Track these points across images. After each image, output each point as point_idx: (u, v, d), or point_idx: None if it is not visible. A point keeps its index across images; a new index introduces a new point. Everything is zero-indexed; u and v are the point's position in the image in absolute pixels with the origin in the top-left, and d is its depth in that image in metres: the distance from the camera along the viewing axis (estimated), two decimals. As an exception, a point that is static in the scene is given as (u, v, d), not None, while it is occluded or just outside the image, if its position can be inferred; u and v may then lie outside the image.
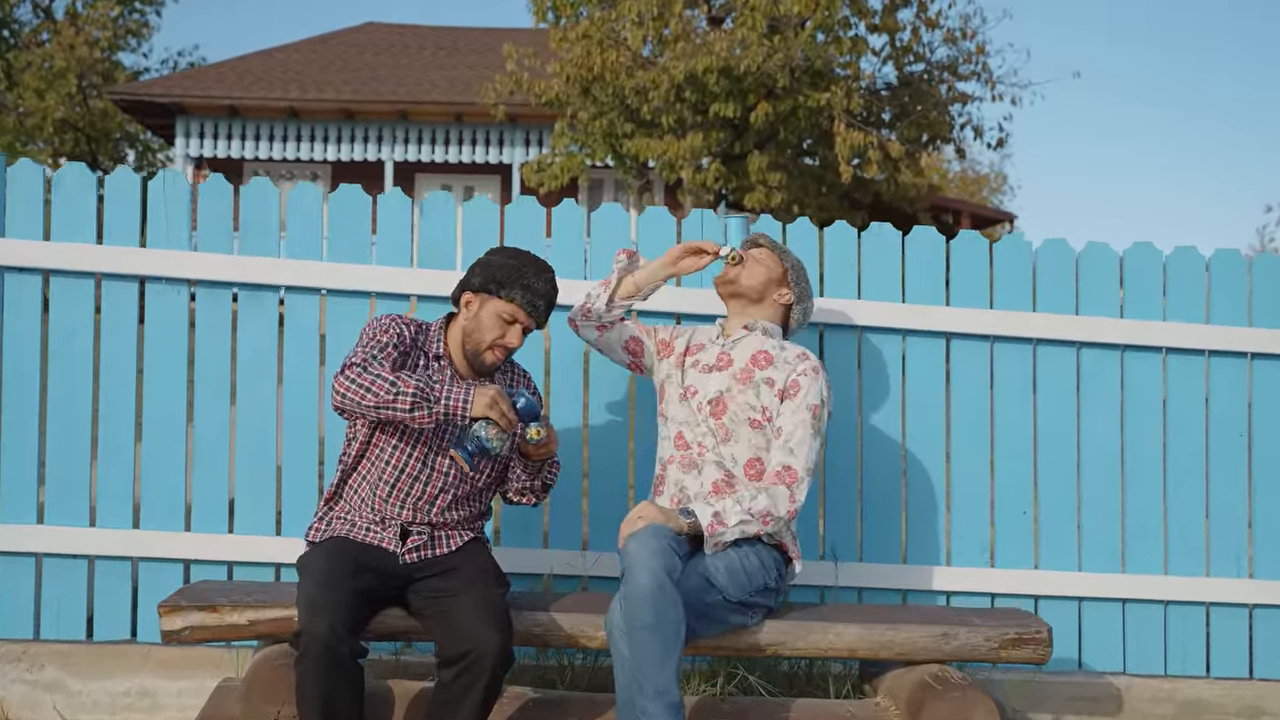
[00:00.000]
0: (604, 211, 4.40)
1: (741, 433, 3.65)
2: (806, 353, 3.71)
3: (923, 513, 4.44)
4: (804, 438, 3.61)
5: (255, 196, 4.27)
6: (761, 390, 3.65)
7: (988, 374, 4.50)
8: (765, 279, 3.78)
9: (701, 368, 3.76)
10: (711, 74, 13.46)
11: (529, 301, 3.47)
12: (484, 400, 3.26)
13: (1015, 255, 4.53)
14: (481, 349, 3.49)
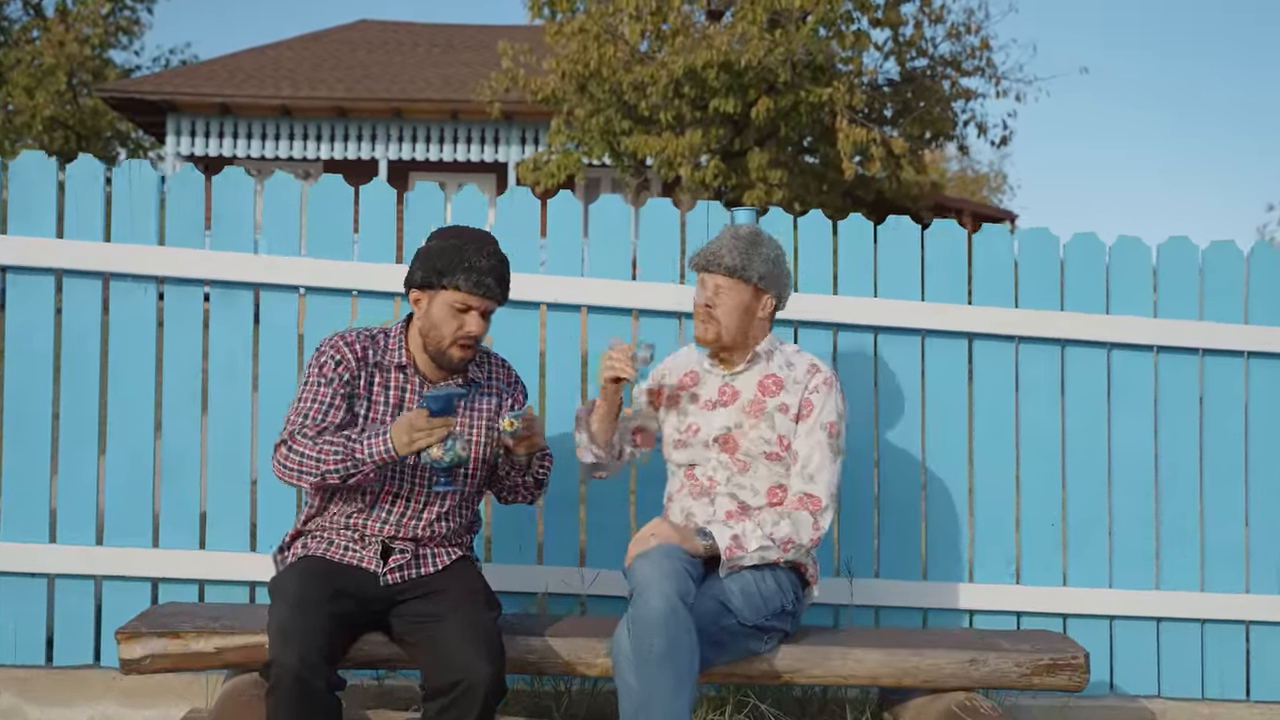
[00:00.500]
0: (602, 204, 4.11)
1: (759, 466, 3.37)
2: (816, 363, 3.43)
3: (944, 525, 4.15)
4: (823, 461, 3.33)
5: (229, 188, 3.97)
6: (776, 420, 3.37)
7: (1012, 377, 4.22)
8: (740, 313, 3.39)
9: (703, 403, 3.44)
10: (711, 69, 13.18)
11: (476, 283, 3.14)
12: (402, 438, 3.00)
13: (1042, 251, 4.24)
14: (444, 346, 3.19)
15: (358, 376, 3.19)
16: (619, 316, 4.08)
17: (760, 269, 3.36)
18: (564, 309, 4.04)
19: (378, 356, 3.24)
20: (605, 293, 4.04)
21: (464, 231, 3.22)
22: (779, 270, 3.42)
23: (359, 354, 3.21)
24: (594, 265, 4.08)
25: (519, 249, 4.03)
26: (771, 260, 3.39)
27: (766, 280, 3.37)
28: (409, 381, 3.24)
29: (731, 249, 3.35)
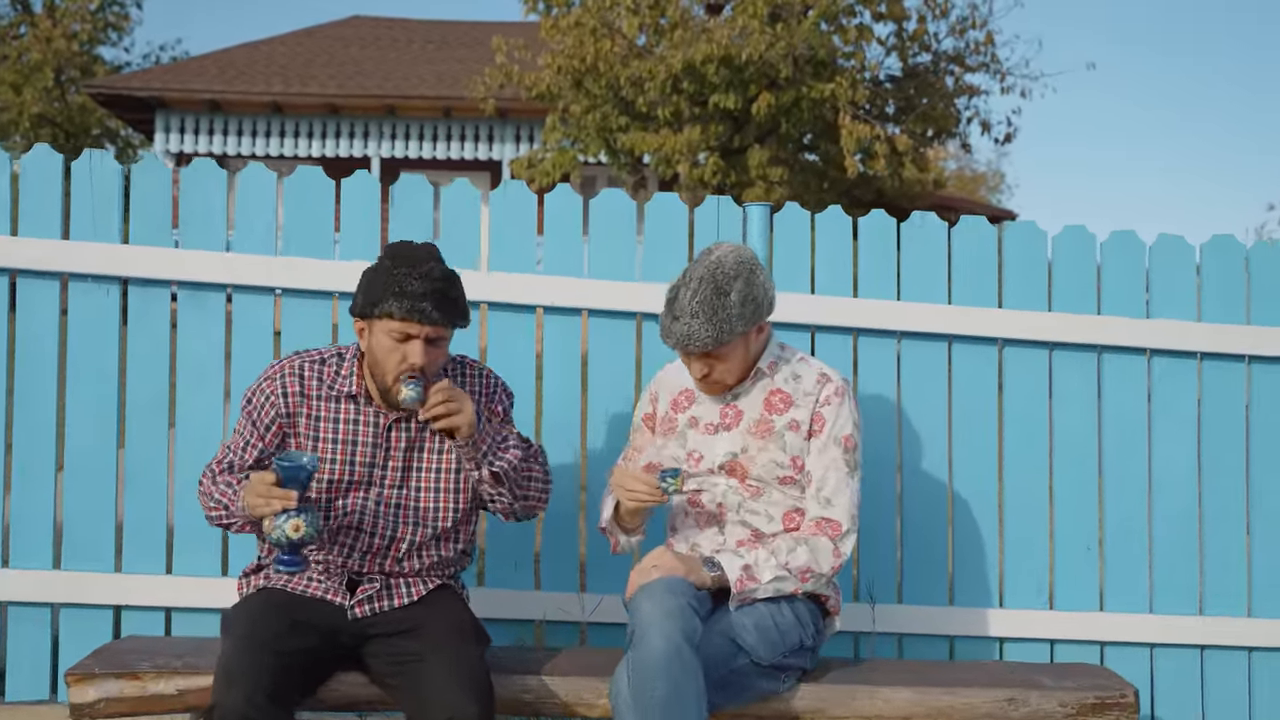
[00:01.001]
0: (604, 199, 3.81)
1: (772, 491, 3.07)
2: (825, 372, 3.12)
3: (971, 546, 3.85)
4: (839, 482, 3.03)
5: (198, 182, 3.66)
6: (787, 439, 3.05)
7: (1045, 385, 3.91)
8: (742, 361, 3.05)
9: (704, 427, 3.12)
10: (711, 64, 12.87)
11: (410, 308, 2.77)
12: (255, 500, 2.67)
13: (1078, 250, 3.94)
14: (389, 383, 2.85)
15: (295, 414, 2.91)
16: (622, 321, 3.78)
17: (743, 317, 2.94)
18: (562, 312, 3.74)
19: (325, 387, 2.93)
20: (607, 295, 3.73)
21: (397, 250, 2.86)
22: (757, 296, 2.98)
23: (297, 389, 2.92)
24: (595, 265, 3.78)
25: (514, 248, 3.73)
26: (745, 297, 2.94)
27: (753, 319, 2.97)
28: (361, 414, 2.93)
29: (702, 318, 2.90)
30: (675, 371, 3.25)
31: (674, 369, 3.27)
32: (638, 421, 3.26)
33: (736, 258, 2.99)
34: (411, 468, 2.93)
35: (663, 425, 3.19)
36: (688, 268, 3.01)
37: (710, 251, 3.01)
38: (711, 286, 2.93)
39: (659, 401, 3.23)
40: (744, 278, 2.97)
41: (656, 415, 3.22)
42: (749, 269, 2.99)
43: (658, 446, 3.19)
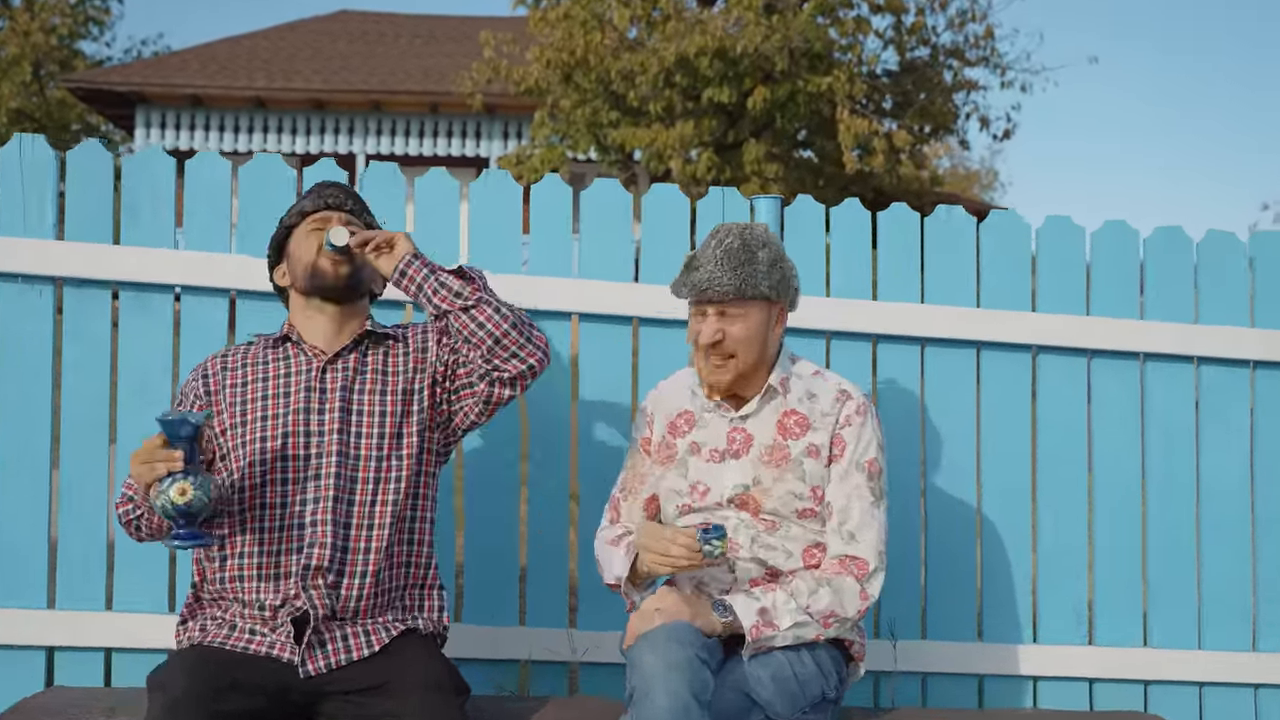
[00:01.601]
0: (598, 191, 3.43)
1: (790, 526, 2.70)
2: (844, 388, 2.75)
3: (1001, 574, 3.48)
4: (864, 513, 2.67)
5: (143, 170, 3.27)
6: (806, 467, 2.68)
7: (1084, 396, 3.55)
8: (760, 340, 2.69)
9: (708, 454, 2.75)
10: (705, 56, 12.48)
11: (319, 197, 2.77)
12: (139, 468, 2.36)
13: (1119, 248, 3.58)
14: (309, 262, 2.70)
15: (217, 391, 2.68)
16: (617, 325, 3.40)
17: (770, 277, 2.66)
18: (551, 316, 3.36)
19: (248, 356, 2.71)
20: (601, 297, 3.35)
21: (316, 186, 2.85)
22: (786, 269, 2.72)
23: (218, 368, 2.73)
24: (587, 264, 3.40)
25: (496, 245, 3.35)
26: (775, 260, 2.68)
27: (779, 288, 2.68)
28: (291, 360, 2.70)
29: (726, 266, 2.62)
30: (672, 389, 2.87)
31: (670, 386, 2.89)
32: (636, 443, 2.89)
33: (766, 232, 2.72)
34: (350, 410, 2.62)
35: (660, 452, 2.81)
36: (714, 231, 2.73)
37: (740, 223, 2.73)
38: (740, 241, 2.66)
39: (654, 424, 2.85)
40: (773, 248, 2.70)
41: (653, 440, 2.85)
42: (778, 247, 2.73)
43: (656, 476, 2.82)
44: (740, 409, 2.75)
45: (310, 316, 2.71)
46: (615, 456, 3.32)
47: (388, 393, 2.66)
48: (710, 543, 2.46)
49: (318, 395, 2.62)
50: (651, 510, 2.87)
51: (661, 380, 2.93)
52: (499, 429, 3.29)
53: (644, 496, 2.85)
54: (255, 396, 2.63)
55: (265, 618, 2.50)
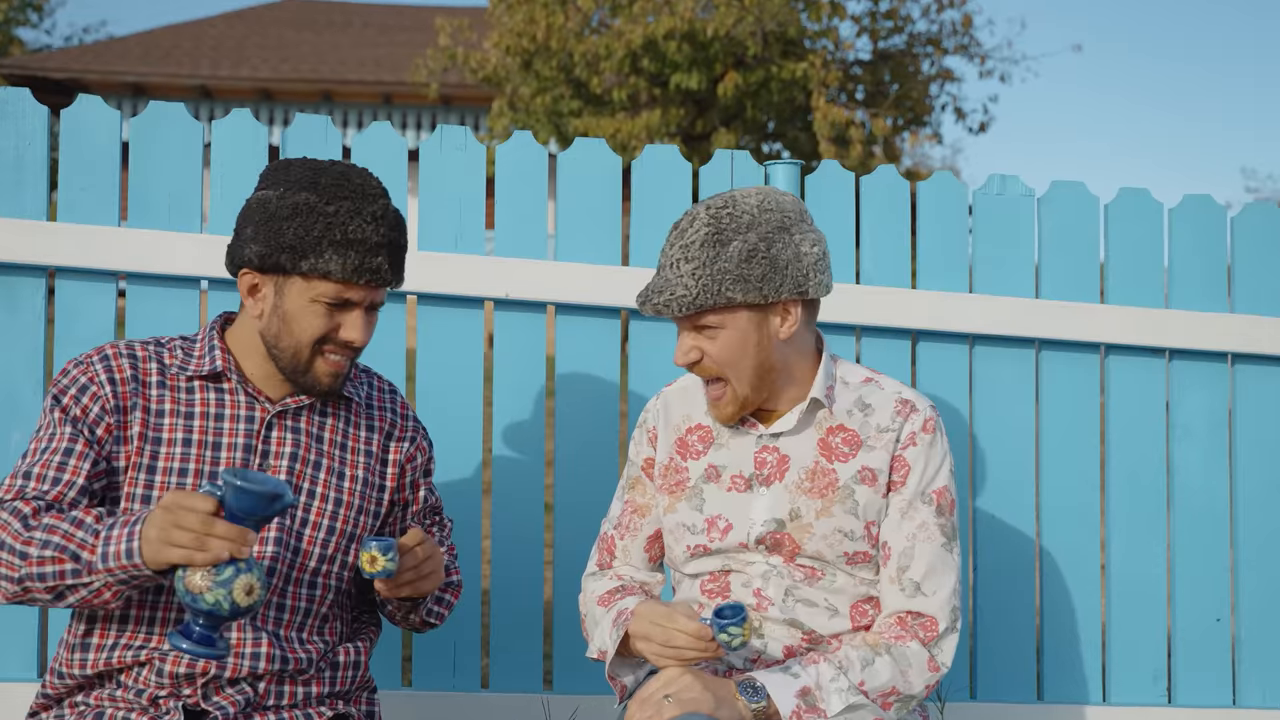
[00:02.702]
0: (579, 154, 2.80)
1: (836, 574, 2.08)
2: (906, 397, 2.12)
3: (1064, 620, 2.89)
4: (934, 558, 2.06)
5: (9, 124, 2.61)
6: (858, 497, 2.06)
7: (1162, 408, 2.96)
8: (753, 354, 2.04)
9: (730, 482, 2.12)
10: (673, 40, 11.84)
11: (359, 265, 1.91)
12: (156, 532, 1.67)
13: (1206, 225, 2.99)
14: (303, 358, 1.96)
15: (127, 410, 1.94)
16: (601, 319, 2.77)
17: (745, 275, 1.98)
18: (521, 307, 2.73)
19: (168, 372, 1.98)
20: (582, 284, 2.73)
21: (324, 175, 1.93)
22: (778, 257, 2.01)
23: (129, 373, 1.96)
24: (566, 244, 2.77)
25: (455, 220, 2.72)
26: (751, 252, 1.99)
27: (763, 285, 2.00)
28: (227, 403, 1.98)
29: (684, 266, 1.98)
30: (680, 396, 2.24)
31: (678, 393, 2.25)
32: (635, 467, 2.26)
33: (759, 202, 2.02)
34: (299, 489, 1.98)
35: (666, 477, 2.18)
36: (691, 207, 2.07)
37: (722, 194, 2.05)
38: (710, 229, 1.99)
39: (658, 441, 2.22)
40: (759, 230, 2.00)
41: (656, 461, 2.22)
42: (776, 220, 2.02)
43: (661, 508, 2.19)
44: (771, 424, 2.12)
45: (255, 348, 2.01)
46: (602, 481, 2.70)
47: (346, 476, 2.05)
48: (726, 630, 1.84)
49: (258, 458, 1.98)
50: (655, 552, 2.24)
51: (666, 385, 2.29)
52: (456, 446, 2.66)
53: (645, 534, 2.23)
54: (173, 438, 1.94)
55: (141, 700, 1.87)
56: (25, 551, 1.74)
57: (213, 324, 2.06)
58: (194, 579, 1.64)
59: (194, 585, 1.64)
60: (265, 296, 1.93)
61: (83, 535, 1.73)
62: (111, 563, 1.70)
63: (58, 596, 1.74)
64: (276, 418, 2.00)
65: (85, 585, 1.73)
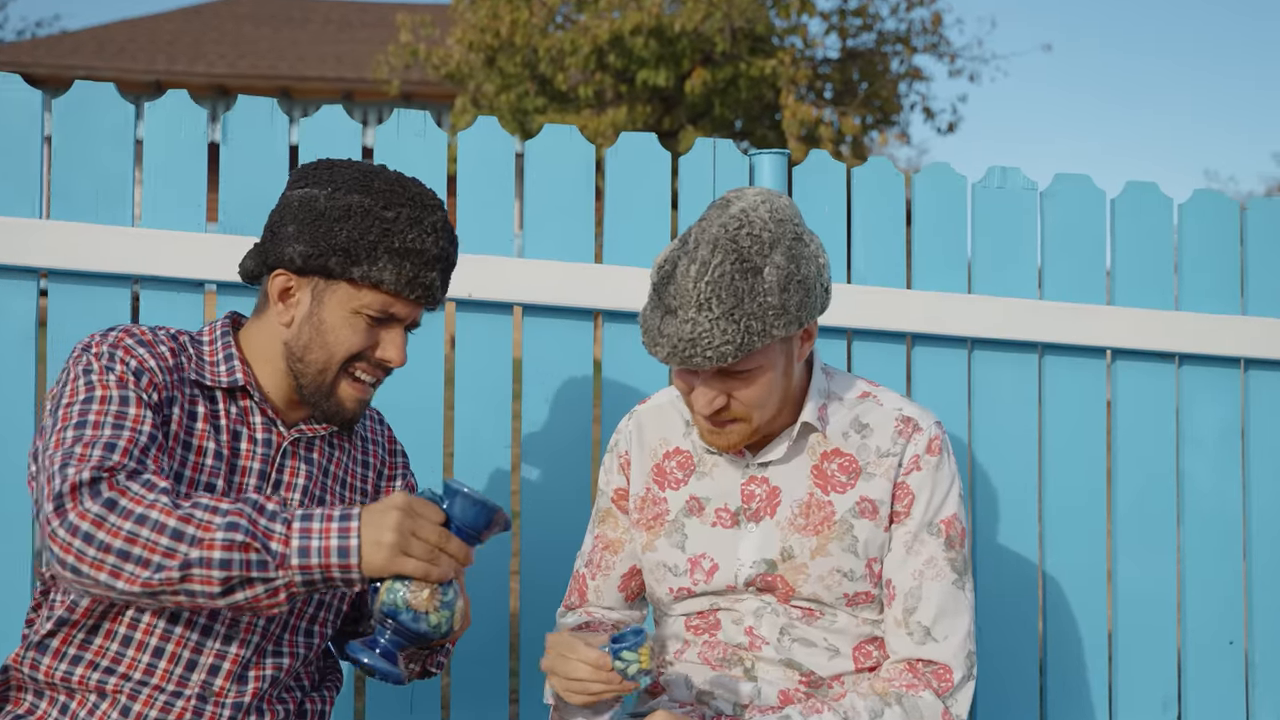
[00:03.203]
0: (547, 141, 2.57)
1: (837, 615, 1.88)
2: (907, 414, 1.91)
3: (1069, 645, 2.70)
4: (945, 597, 1.85)
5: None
6: (858, 532, 1.85)
7: (1172, 415, 2.77)
8: (780, 383, 1.81)
9: (714, 516, 1.90)
10: (640, 36, 11.63)
11: (413, 279, 1.74)
12: (383, 534, 1.52)
13: (1217, 222, 2.81)
14: (330, 375, 1.76)
15: (169, 405, 1.71)
16: (573, 320, 2.55)
17: (784, 312, 1.73)
18: (485, 308, 2.50)
19: (192, 371, 1.75)
20: (551, 283, 2.50)
21: (379, 178, 1.77)
22: (807, 276, 1.77)
23: (168, 363, 1.73)
24: (533, 240, 2.54)
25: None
26: (788, 276, 1.73)
27: (798, 314, 1.76)
28: (245, 422, 1.78)
29: (717, 309, 1.69)
30: (655, 417, 2.02)
31: (652, 413, 2.03)
32: (605, 498, 2.04)
33: (772, 211, 1.77)
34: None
35: (644, 511, 1.96)
36: (692, 228, 1.80)
37: (729, 202, 1.79)
38: (734, 256, 1.72)
39: (631, 469, 2.00)
40: (783, 247, 1.75)
41: (631, 491, 2.00)
42: (791, 230, 1.78)
43: (639, 543, 1.97)
44: (760, 451, 1.91)
45: (272, 360, 1.80)
46: (574, 509, 2.48)
47: (359, 487, 1.93)
48: (620, 656, 1.63)
49: (270, 487, 1.78)
50: (632, 589, 2.03)
51: (639, 404, 2.07)
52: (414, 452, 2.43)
53: (619, 572, 2.02)
54: (204, 446, 1.73)
55: None
56: (188, 533, 1.48)
57: (222, 326, 1.83)
58: (420, 596, 1.51)
59: (418, 603, 1.52)
60: (300, 302, 1.75)
61: (266, 522, 1.50)
62: (313, 559, 1.49)
63: (227, 591, 1.48)
64: (291, 445, 1.80)
65: (266, 582, 1.49)
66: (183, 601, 1.50)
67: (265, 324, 1.79)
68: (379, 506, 1.53)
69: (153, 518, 1.48)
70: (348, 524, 1.51)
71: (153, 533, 1.47)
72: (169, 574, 1.47)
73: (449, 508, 1.56)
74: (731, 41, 11.91)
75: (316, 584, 1.51)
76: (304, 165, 1.82)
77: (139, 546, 1.47)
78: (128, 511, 1.48)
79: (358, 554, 1.50)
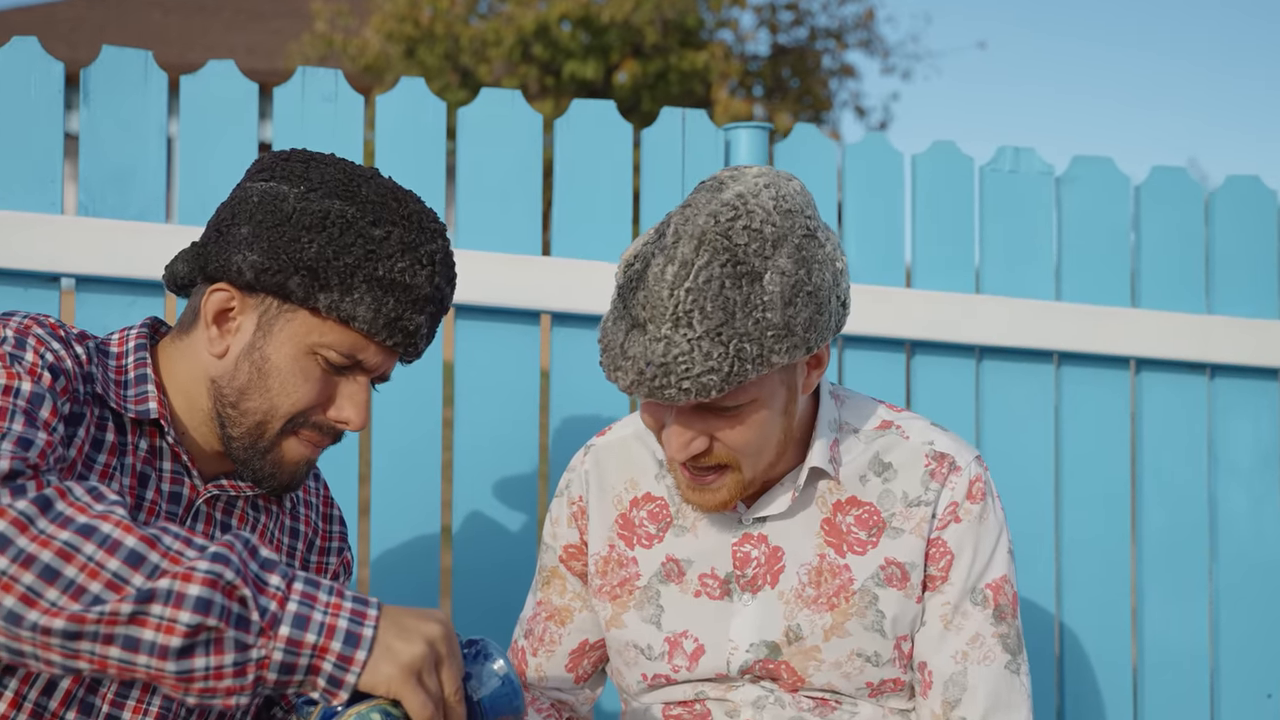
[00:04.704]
0: (484, 107, 2.15)
1: (859, 707, 1.47)
2: (941, 448, 1.51)
3: (1089, 697, 2.35)
4: (999, 686, 1.46)
5: None
6: (886, 607, 1.45)
7: (1204, 434, 2.42)
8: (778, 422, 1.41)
9: (698, 582, 1.49)
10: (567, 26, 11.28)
11: (395, 318, 1.36)
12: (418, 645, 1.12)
13: (1254, 213, 2.48)
14: (270, 432, 1.38)
15: (75, 421, 1.30)
16: (516, 324, 2.12)
17: (787, 334, 1.33)
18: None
19: (99, 385, 1.35)
20: (490, 279, 2.08)
21: (367, 184, 1.39)
22: (821, 286, 1.36)
23: (83, 369, 1.33)
24: (468, 228, 2.12)
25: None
26: (796, 286, 1.33)
27: (812, 330, 1.36)
28: (153, 464, 1.38)
29: (699, 327, 1.30)
30: (618, 452, 1.59)
31: (613, 446, 1.60)
32: (551, 554, 1.61)
33: (778, 199, 1.35)
34: None
35: (608, 576, 1.54)
36: (672, 215, 1.37)
37: (722, 185, 1.37)
38: (725, 257, 1.31)
39: (589, 519, 1.57)
40: (795, 243, 1.34)
41: (589, 549, 1.57)
42: (804, 225, 1.36)
43: (600, 617, 1.55)
44: (756, 502, 1.50)
45: (192, 396, 1.40)
46: (515, 526, 2.07)
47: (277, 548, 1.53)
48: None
49: None
50: (583, 669, 1.61)
51: (597, 436, 1.64)
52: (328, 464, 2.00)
53: (566, 648, 1.59)
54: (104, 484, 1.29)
55: None
56: (150, 558, 1.07)
57: (137, 336, 1.41)
58: None
59: None
60: (241, 329, 1.36)
61: (259, 569, 1.11)
62: (310, 635, 1.08)
63: (186, 651, 1.05)
64: (206, 504, 1.40)
65: (240, 649, 1.07)
66: (109, 663, 1.05)
67: (190, 349, 1.39)
68: (411, 611, 1.15)
69: (103, 530, 1.07)
70: (364, 609, 1.11)
71: (100, 550, 1.06)
72: (114, 608, 1.04)
73: (474, 669, 1.21)
74: (662, 34, 11.61)
75: (293, 675, 1.09)
76: (272, 152, 1.44)
77: (74, 565, 1.05)
78: (66, 518, 1.07)
79: (368, 648, 1.09)
